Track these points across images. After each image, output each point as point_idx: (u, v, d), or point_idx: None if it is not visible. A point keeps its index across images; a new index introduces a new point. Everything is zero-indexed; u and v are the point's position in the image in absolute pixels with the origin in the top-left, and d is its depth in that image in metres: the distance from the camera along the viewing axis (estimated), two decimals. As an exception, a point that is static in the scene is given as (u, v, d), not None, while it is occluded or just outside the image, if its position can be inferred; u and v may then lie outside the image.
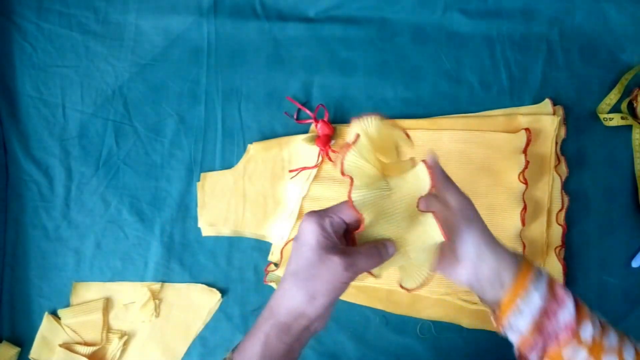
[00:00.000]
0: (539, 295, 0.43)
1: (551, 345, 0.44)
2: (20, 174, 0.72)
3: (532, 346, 0.45)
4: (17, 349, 0.69)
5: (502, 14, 0.71)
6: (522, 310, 0.44)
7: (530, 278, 0.44)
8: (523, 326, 0.44)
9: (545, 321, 0.44)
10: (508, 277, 0.44)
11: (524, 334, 0.44)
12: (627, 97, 0.70)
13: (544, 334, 0.44)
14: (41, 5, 0.73)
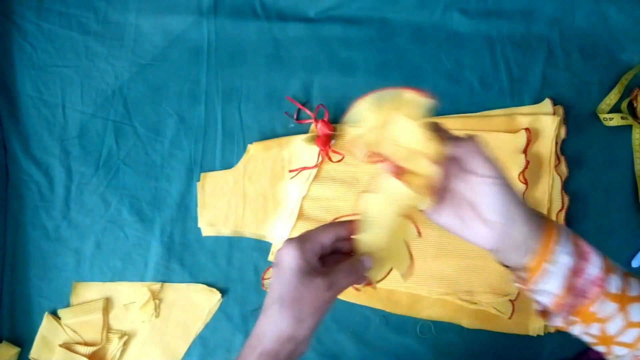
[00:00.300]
0: (567, 255, 0.42)
1: (581, 302, 0.44)
2: (20, 174, 0.72)
3: (563, 307, 0.44)
4: (17, 348, 0.69)
5: (502, 14, 0.71)
6: (551, 272, 0.43)
7: (555, 239, 0.42)
8: (555, 288, 0.43)
9: (576, 279, 0.43)
10: (534, 240, 0.43)
11: (557, 295, 0.43)
12: (627, 97, 0.70)
13: (575, 292, 0.43)
14: (41, 5, 0.73)
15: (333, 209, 0.69)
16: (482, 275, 0.67)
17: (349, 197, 0.69)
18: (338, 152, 0.68)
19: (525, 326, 0.68)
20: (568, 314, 0.44)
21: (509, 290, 0.66)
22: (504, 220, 0.42)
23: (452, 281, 0.67)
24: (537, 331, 0.68)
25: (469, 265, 0.67)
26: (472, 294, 0.67)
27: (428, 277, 0.68)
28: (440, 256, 0.67)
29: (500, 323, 0.68)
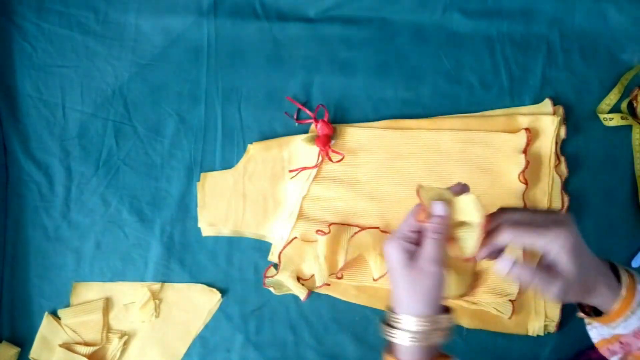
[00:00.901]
0: (630, 326, 0.44)
1: (636, 352, 0.45)
2: (20, 174, 0.72)
3: (611, 351, 0.45)
4: (17, 349, 0.69)
5: (502, 14, 0.71)
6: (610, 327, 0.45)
7: (626, 311, 0.44)
8: (606, 335, 0.45)
9: (631, 339, 0.44)
10: (607, 305, 0.44)
11: (605, 338, 0.45)
12: (627, 97, 0.70)
13: (626, 346, 0.44)
14: (41, 5, 0.73)
15: (333, 209, 0.69)
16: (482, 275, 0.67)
17: (349, 197, 0.69)
18: (338, 152, 0.68)
19: (525, 326, 0.68)
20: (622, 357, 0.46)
21: (509, 290, 0.66)
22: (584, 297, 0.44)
23: (452, 281, 0.67)
24: (537, 331, 0.67)
25: (469, 265, 0.67)
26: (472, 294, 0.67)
27: (428, 277, 0.68)
28: (440, 256, 0.67)
29: (500, 323, 0.68)
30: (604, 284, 0.44)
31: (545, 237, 0.42)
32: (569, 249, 0.42)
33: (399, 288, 0.46)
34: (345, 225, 0.68)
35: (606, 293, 0.44)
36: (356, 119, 0.71)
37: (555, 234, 0.42)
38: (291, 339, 0.69)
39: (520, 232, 0.43)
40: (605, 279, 0.44)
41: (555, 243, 0.42)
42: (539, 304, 0.67)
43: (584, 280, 0.43)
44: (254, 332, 0.70)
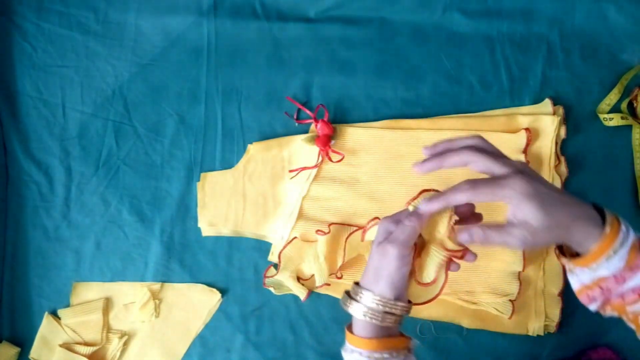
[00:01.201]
0: (613, 266, 0.43)
1: (615, 300, 0.44)
2: (20, 174, 0.72)
3: (590, 297, 0.45)
4: (17, 348, 0.69)
5: (502, 14, 0.71)
6: (591, 269, 0.44)
7: (608, 250, 0.43)
8: (587, 280, 0.44)
9: (612, 284, 0.43)
10: (588, 245, 0.43)
11: (585, 284, 0.45)
12: (627, 97, 0.70)
13: (606, 292, 0.44)
14: (41, 5, 0.73)
15: (333, 209, 0.69)
16: (482, 276, 0.67)
17: (349, 197, 0.69)
18: (338, 152, 0.68)
19: (525, 326, 0.68)
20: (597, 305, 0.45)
21: (509, 290, 0.66)
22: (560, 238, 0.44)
23: (452, 281, 0.67)
24: (537, 331, 0.67)
25: (469, 266, 0.67)
26: (472, 294, 0.67)
27: (428, 277, 0.68)
28: (440, 256, 0.67)
29: (500, 323, 0.68)
30: (584, 222, 0.43)
31: (501, 189, 0.43)
32: (527, 196, 0.42)
33: (369, 264, 0.48)
34: (346, 225, 0.68)
35: (587, 230, 0.43)
36: (356, 119, 0.71)
37: (510, 184, 0.42)
38: (291, 339, 0.69)
39: (479, 186, 0.44)
40: (586, 217, 0.43)
41: (513, 193, 0.42)
42: (539, 304, 0.68)
43: (557, 220, 0.43)
44: (254, 332, 0.70)
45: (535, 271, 0.68)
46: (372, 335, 0.47)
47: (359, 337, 0.47)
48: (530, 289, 0.68)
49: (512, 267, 0.66)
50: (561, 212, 0.43)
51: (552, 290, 0.67)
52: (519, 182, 0.42)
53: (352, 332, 0.48)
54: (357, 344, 0.47)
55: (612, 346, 0.68)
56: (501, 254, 0.66)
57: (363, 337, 0.47)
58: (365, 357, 0.46)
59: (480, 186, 0.43)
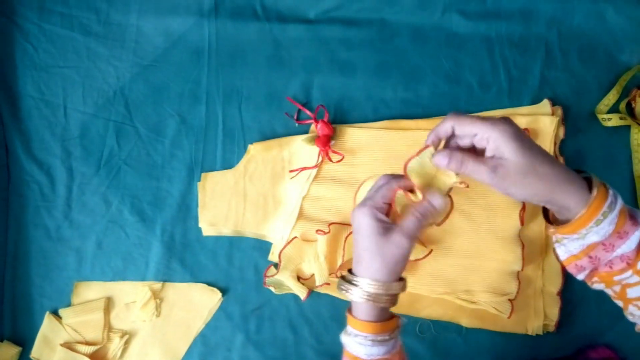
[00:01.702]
0: (602, 231, 0.43)
1: (603, 269, 0.45)
2: (21, 174, 0.72)
3: (578, 267, 0.45)
4: (19, 348, 0.69)
5: (501, 15, 0.72)
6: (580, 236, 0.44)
7: (597, 214, 0.43)
8: (575, 250, 0.45)
9: (601, 251, 0.44)
10: (576, 211, 0.44)
11: (574, 254, 0.45)
12: (625, 98, 0.70)
13: (595, 260, 0.44)
14: (43, 6, 0.73)
15: (333, 209, 0.69)
16: (481, 275, 0.67)
17: (349, 197, 0.69)
18: (338, 152, 0.68)
19: (524, 325, 0.68)
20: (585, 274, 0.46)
21: (508, 289, 0.66)
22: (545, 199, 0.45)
23: (451, 281, 0.68)
24: (536, 330, 0.68)
25: (469, 265, 0.68)
26: (471, 293, 0.67)
27: (428, 277, 0.68)
28: (440, 256, 0.68)
29: (499, 322, 0.68)
30: (569, 184, 0.44)
31: (485, 123, 0.44)
32: (509, 135, 0.43)
33: (365, 251, 0.48)
34: (346, 225, 0.68)
35: (573, 193, 0.43)
36: (356, 120, 0.71)
37: (495, 122, 0.44)
38: (291, 338, 0.70)
39: (462, 119, 0.45)
40: (571, 179, 0.44)
41: (495, 129, 0.43)
42: (538, 304, 0.68)
43: (541, 172, 0.43)
44: (254, 331, 0.70)
45: (534, 270, 0.68)
46: (372, 318, 0.48)
47: (362, 320, 0.48)
48: (529, 288, 0.68)
49: (511, 267, 0.66)
50: (541, 164, 0.43)
51: (551, 290, 0.68)
52: (504, 123, 0.44)
53: (353, 316, 0.49)
54: (361, 328, 0.48)
55: (611, 345, 0.68)
56: (500, 254, 0.67)
57: (365, 320, 0.48)
58: (369, 341, 0.47)
59: (464, 116, 0.45)
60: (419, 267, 0.68)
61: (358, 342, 0.48)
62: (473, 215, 0.67)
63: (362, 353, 0.48)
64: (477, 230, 0.67)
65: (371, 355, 0.47)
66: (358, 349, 0.48)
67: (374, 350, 0.47)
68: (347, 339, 0.49)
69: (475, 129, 0.44)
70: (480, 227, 0.67)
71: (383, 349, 0.48)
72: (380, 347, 0.48)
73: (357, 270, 0.49)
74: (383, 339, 0.48)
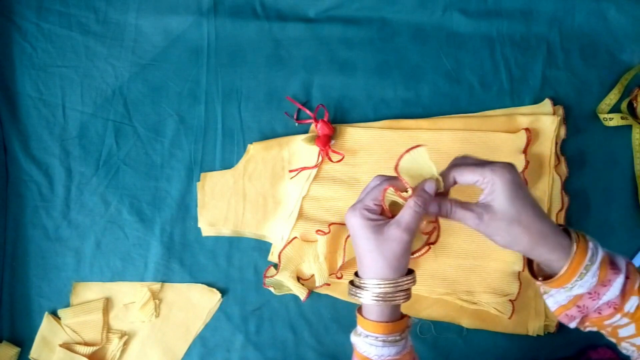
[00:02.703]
0: (586, 284, 0.44)
1: (593, 315, 0.45)
2: (20, 174, 0.72)
3: (569, 317, 0.46)
4: (17, 349, 0.69)
5: (502, 14, 0.72)
6: (566, 289, 0.45)
7: (579, 269, 0.44)
8: (563, 300, 0.46)
9: (588, 300, 0.45)
10: (559, 265, 0.45)
11: (562, 304, 0.46)
12: (627, 97, 0.70)
13: (583, 309, 0.45)
14: (41, 5, 0.73)
15: (333, 209, 0.69)
16: (482, 276, 0.67)
17: (349, 197, 0.69)
18: (338, 152, 0.68)
19: (525, 326, 0.68)
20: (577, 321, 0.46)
21: (509, 290, 0.66)
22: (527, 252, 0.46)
23: (452, 281, 0.67)
24: (537, 331, 0.68)
25: (469, 265, 0.67)
26: (472, 294, 0.67)
27: (428, 277, 0.68)
28: (440, 256, 0.67)
29: (500, 323, 0.68)
30: (554, 239, 0.45)
31: (484, 170, 0.45)
32: (505, 182, 0.44)
33: (365, 252, 0.48)
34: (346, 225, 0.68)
35: (558, 248, 0.45)
36: (356, 119, 0.71)
37: (495, 168, 0.45)
38: (291, 338, 0.70)
39: (462, 170, 0.47)
40: (556, 235, 0.45)
41: (493, 175, 0.45)
42: (539, 304, 0.68)
43: (525, 224, 0.44)
44: (254, 332, 0.70)
45: (535, 271, 0.68)
46: (383, 318, 0.48)
47: (372, 321, 0.48)
48: (530, 289, 0.68)
49: (512, 267, 0.66)
50: (528, 216, 0.45)
51: (552, 290, 0.67)
52: (503, 169, 0.45)
53: (363, 316, 0.49)
54: (371, 329, 0.48)
55: (612, 346, 0.68)
56: (501, 254, 0.66)
57: (375, 320, 0.48)
58: (380, 342, 0.47)
59: (464, 167, 0.47)
60: (419, 268, 0.68)
61: (369, 342, 0.48)
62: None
63: (372, 354, 0.48)
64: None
65: (382, 356, 0.47)
66: (369, 349, 0.48)
67: (385, 351, 0.47)
68: (357, 340, 0.49)
69: (476, 176, 0.46)
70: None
71: (394, 349, 0.48)
72: (391, 347, 0.48)
73: (362, 272, 0.49)
74: (394, 339, 0.48)
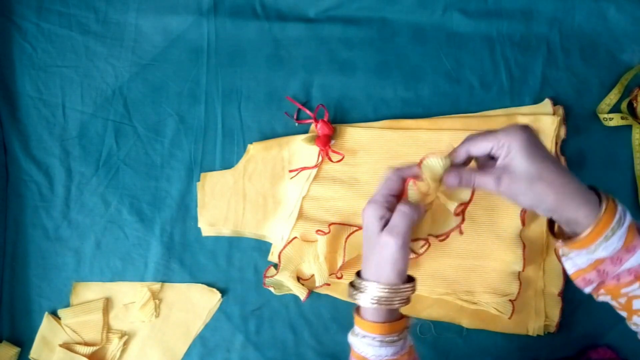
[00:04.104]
0: (611, 247, 0.43)
1: (610, 282, 0.44)
2: (20, 174, 0.72)
3: (586, 281, 0.45)
4: (17, 349, 0.69)
5: (502, 14, 0.72)
6: (589, 251, 0.44)
7: (606, 229, 0.43)
8: (583, 264, 0.45)
9: (609, 265, 0.44)
10: (586, 223, 0.43)
11: (582, 268, 0.45)
12: (627, 97, 0.70)
13: (603, 274, 0.44)
14: (41, 5, 0.73)
15: (333, 209, 0.69)
16: (482, 275, 0.67)
17: (349, 197, 0.69)
18: (338, 152, 0.68)
19: (525, 326, 0.68)
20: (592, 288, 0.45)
21: (509, 290, 0.66)
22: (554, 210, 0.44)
23: (452, 281, 0.67)
24: (537, 331, 0.68)
25: (469, 265, 0.67)
26: (472, 294, 0.67)
27: (428, 277, 0.68)
28: (440, 256, 0.67)
29: (500, 323, 0.68)
30: (580, 197, 0.43)
31: (497, 134, 0.44)
32: (521, 142, 0.43)
33: (366, 252, 0.48)
34: (346, 225, 0.68)
35: (584, 206, 0.43)
36: (356, 119, 0.71)
37: (509, 130, 0.44)
38: (291, 338, 0.69)
39: (474, 139, 0.46)
40: (580, 193, 0.44)
41: (508, 136, 0.43)
42: (539, 304, 0.68)
43: (548, 180, 0.43)
44: (254, 332, 0.70)
45: (535, 271, 0.68)
46: (381, 319, 0.48)
47: (370, 321, 0.48)
48: (530, 289, 0.68)
49: (512, 267, 0.66)
50: (551, 172, 0.43)
51: (552, 290, 0.67)
52: (517, 130, 0.44)
53: (361, 317, 0.49)
54: (369, 329, 0.48)
55: (612, 346, 0.68)
56: (501, 254, 0.66)
57: (373, 321, 0.48)
58: (377, 342, 0.47)
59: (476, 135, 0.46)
60: (419, 267, 0.68)
61: (366, 343, 0.48)
62: (474, 216, 0.67)
63: (370, 354, 0.48)
64: (478, 230, 0.67)
65: (380, 356, 0.47)
66: (366, 349, 0.48)
67: (382, 351, 0.47)
68: (354, 340, 0.49)
69: (490, 143, 0.45)
70: (481, 228, 0.67)
71: (392, 349, 0.48)
72: (388, 347, 0.47)
73: (363, 272, 0.49)
74: (392, 339, 0.47)
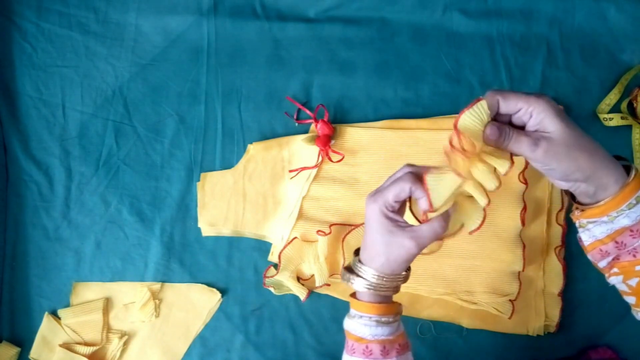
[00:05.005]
0: (634, 215, 0.43)
1: (625, 257, 0.45)
2: (20, 174, 0.72)
3: (603, 253, 0.45)
4: (17, 349, 0.69)
5: (502, 14, 0.72)
6: (610, 218, 0.44)
7: (632, 196, 0.43)
8: (601, 234, 0.45)
9: (628, 237, 0.44)
10: (613, 190, 0.43)
11: (599, 239, 0.45)
12: (626, 97, 0.70)
13: (620, 245, 0.44)
14: (41, 5, 0.73)
15: (333, 209, 0.69)
16: (482, 275, 0.67)
17: (349, 197, 0.69)
18: (338, 152, 0.68)
19: (525, 326, 0.68)
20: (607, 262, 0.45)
21: (509, 290, 0.66)
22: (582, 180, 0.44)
23: (452, 281, 0.67)
24: (537, 331, 0.68)
25: (469, 265, 0.67)
26: (472, 294, 0.67)
27: (428, 277, 0.68)
28: (440, 256, 0.67)
29: (500, 323, 0.68)
30: (610, 161, 0.43)
31: (530, 97, 0.43)
32: (553, 109, 0.43)
33: (373, 244, 0.48)
34: (346, 225, 0.68)
35: (614, 171, 0.43)
36: (356, 119, 0.71)
37: (539, 96, 0.43)
38: (291, 338, 0.70)
39: (507, 94, 0.44)
40: (610, 160, 0.43)
41: (540, 102, 0.43)
42: (539, 304, 0.68)
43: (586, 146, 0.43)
44: (254, 332, 0.70)
45: (535, 271, 0.68)
46: (377, 301, 0.49)
47: (366, 302, 0.49)
48: (530, 289, 0.68)
49: (512, 267, 0.66)
50: (585, 137, 0.43)
51: (552, 290, 0.67)
52: (548, 98, 0.43)
53: (358, 299, 0.50)
54: (365, 310, 0.49)
55: (612, 346, 0.68)
56: (501, 254, 0.66)
57: (369, 302, 0.49)
58: (374, 322, 0.48)
59: (508, 91, 0.44)
60: (419, 268, 0.67)
61: (363, 323, 0.49)
62: (474, 216, 0.67)
63: (367, 334, 0.49)
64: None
65: (376, 336, 0.48)
66: (363, 330, 0.49)
67: (378, 331, 0.49)
68: (351, 323, 0.50)
69: (521, 103, 0.43)
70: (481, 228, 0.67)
71: (387, 329, 0.49)
72: (384, 327, 0.49)
73: (363, 257, 0.50)
74: (387, 320, 0.49)
